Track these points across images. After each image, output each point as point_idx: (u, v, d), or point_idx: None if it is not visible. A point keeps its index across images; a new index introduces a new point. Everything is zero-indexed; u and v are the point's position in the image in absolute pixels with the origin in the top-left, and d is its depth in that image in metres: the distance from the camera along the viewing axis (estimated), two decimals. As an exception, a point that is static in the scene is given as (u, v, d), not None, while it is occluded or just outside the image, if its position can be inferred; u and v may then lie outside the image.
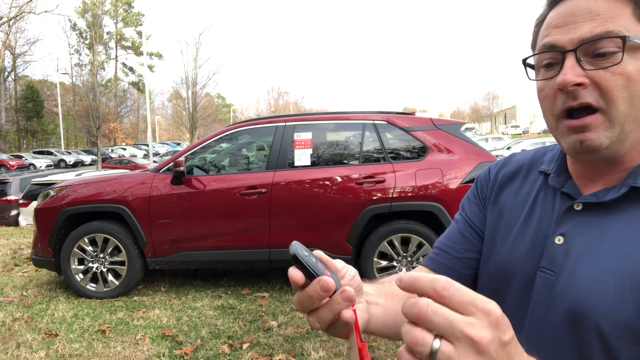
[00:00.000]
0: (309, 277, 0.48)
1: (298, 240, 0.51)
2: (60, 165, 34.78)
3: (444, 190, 3.99)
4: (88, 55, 43.64)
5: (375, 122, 4.29)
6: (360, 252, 4.12)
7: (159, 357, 3.07)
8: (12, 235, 8.00)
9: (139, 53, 54.17)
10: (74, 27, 48.89)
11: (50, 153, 37.12)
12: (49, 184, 8.22)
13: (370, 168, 4.14)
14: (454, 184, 3.99)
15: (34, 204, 6.74)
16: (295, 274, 0.48)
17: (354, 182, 4.10)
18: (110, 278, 4.28)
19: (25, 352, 3.14)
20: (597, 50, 0.59)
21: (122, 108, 47.43)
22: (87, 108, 26.66)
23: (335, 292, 0.48)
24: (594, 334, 0.58)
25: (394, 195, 4.01)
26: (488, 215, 0.78)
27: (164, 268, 4.30)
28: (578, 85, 0.59)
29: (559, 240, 0.65)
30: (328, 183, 4.13)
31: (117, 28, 52.81)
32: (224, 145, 4.69)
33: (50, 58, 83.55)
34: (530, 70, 0.69)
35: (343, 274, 0.57)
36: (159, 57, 56.20)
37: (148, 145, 30.04)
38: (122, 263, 4.26)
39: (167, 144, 48.04)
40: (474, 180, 0.85)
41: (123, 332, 3.48)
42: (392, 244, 4.05)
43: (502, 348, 0.37)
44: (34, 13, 43.62)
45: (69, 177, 8.59)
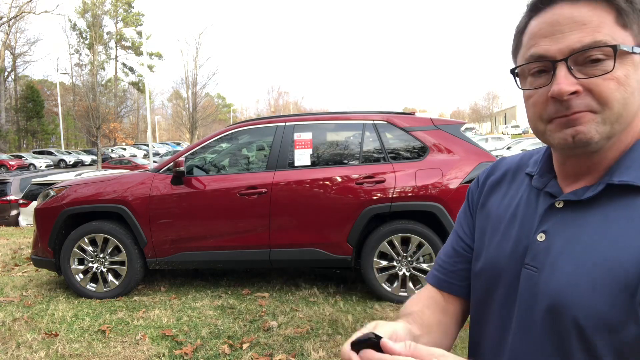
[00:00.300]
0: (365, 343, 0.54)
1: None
2: (60, 165, 34.78)
3: (444, 190, 3.99)
4: (88, 55, 43.65)
5: (375, 122, 4.29)
6: (360, 252, 4.11)
7: (159, 357, 3.07)
8: (12, 235, 8.00)
9: (139, 53, 54.16)
10: (74, 27, 48.88)
11: (50, 153, 37.12)
12: (49, 184, 8.22)
13: (370, 168, 4.14)
14: (454, 184, 3.99)
15: (34, 204, 6.74)
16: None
17: (354, 182, 4.10)
18: (110, 278, 4.28)
19: (25, 352, 3.14)
20: (587, 59, 0.61)
21: (122, 108, 47.42)
22: (87, 108, 26.66)
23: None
24: (572, 326, 0.60)
25: (394, 195, 4.01)
26: (477, 219, 0.82)
27: (164, 268, 4.30)
28: (572, 94, 0.61)
29: (541, 238, 0.67)
30: (328, 183, 4.13)
31: (117, 28, 52.81)
32: (224, 145, 4.69)
33: (50, 58, 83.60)
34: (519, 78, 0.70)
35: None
36: (159, 57, 56.21)
37: (148, 145, 30.05)
38: (122, 263, 4.26)
39: (167, 144, 48.04)
40: (467, 192, 0.88)
41: (123, 332, 3.48)
42: (392, 244, 4.05)
43: None
44: (34, 13, 43.61)
45: (69, 177, 8.59)
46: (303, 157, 4.26)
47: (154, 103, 60.55)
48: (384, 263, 4.07)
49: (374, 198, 4.03)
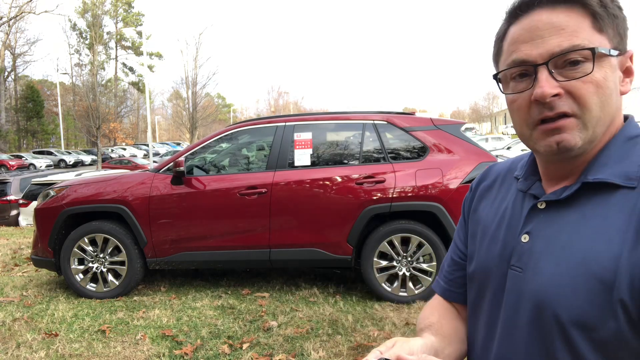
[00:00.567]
0: None
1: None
2: (60, 165, 34.78)
3: (444, 190, 3.99)
4: (88, 55, 43.65)
5: (375, 122, 4.29)
6: (360, 252, 4.11)
7: (159, 357, 3.07)
8: (12, 235, 8.00)
9: (139, 53, 54.14)
10: (74, 27, 48.87)
11: (50, 153, 37.12)
12: (49, 184, 8.22)
13: (370, 168, 4.14)
14: (454, 184, 3.99)
15: (34, 204, 6.74)
16: None
17: (354, 182, 4.10)
18: (110, 278, 4.28)
19: (25, 352, 3.14)
20: (566, 62, 0.63)
21: (122, 108, 47.39)
22: (87, 108, 26.65)
23: None
24: (554, 324, 0.62)
25: (394, 195, 4.01)
26: (469, 225, 0.85)
27: (164, 268, 4.30)
28: (554, 96, 0.63)
29: (525, 239, 0.70)
30: (328, 183, 4.13)
31: (117, 28, 52.80)
32: (224, 145, 4.69)
33: (50, 58, 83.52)
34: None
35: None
36: (159, 57, 56.19)
37: (148, 145, 30.05)
38: (122, 263, 4.26)
39: (167, 144, 48.03)
40: (462, 201, 0.91)
41: (123, 332, 3.48)
42: (392, 244, 4.05)
43: None
44: (34, 13, 43.60)
45: (69, 177, 8.59)
46: (303, 157, 4.27)
47: (154, 103, 60.59)
48: (384, 263, 4.06)
49: (374, 198, 4.03)
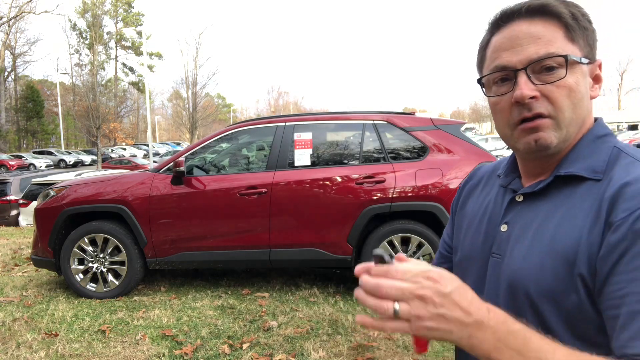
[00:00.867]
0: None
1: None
2: (60, 165, 34.78)
3: (444, 190, 3.99)
4: (88, 55, 43.65)
5: (375, 122, 4.29)
6: (360, 252, 4.11)
7: (159, 357, 3.07)
8: (12, 235, 8.01)
9: (139, 53, 54.15)
10: (74, 27, 48.88)
11: (50, 153, 37.12)
12: (49, 184, 8.22)
13: (370, 168, 4.14)
14: (454, 184, 3.99)
15: (34, 204, 6.74)
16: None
17: (354, 182, 4.10)
18: (110, 278, 4.28)
19: (25, 352, 3.14)
20: (543, 67, 0.70)
21: (122, 108, 47.44)
22: (87, 108, 26.65)
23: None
24: (525, 299, 0.70)
25: (394, 195, 4.01)
26: (456, 220, 0.92)
27: (164, 268, 4.30)
28: (532, 98, 0.70)
29: (504, 228, 0.77)
30: (328, 183, 4.13)
31: (117, 28, 52.80)
32: (224, 145, 4.69)
33: (50, 58, 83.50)
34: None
35: None
36: (159, 57, 56.20)
37: (148, 145, 30.05)
38: (122, 263, 4.26)
39: (167, 144, 48.03)
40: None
41: (123, 332, 3.48)
42: (392, 244, 4.05)
43: (444, 297, 0.52)
44: (34, 13, 43.62)
45: (69, 177, 8.59)
46: (303, 157, 4.26)
47: (154, 103, 60.59)
48: (384, 263, 4.06)
49: (374, 198, 4.03)
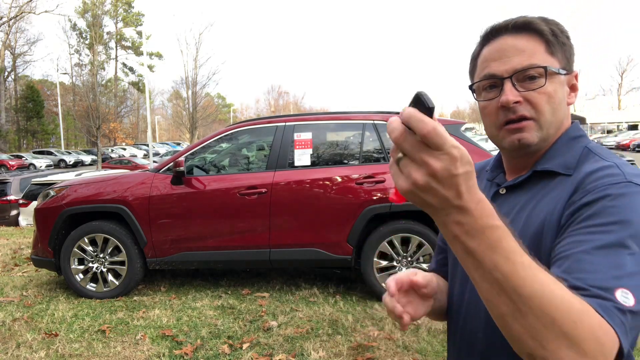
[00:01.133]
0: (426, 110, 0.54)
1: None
2: (60, 165, 34.77)
3: (444, 190, 3.98)
4: (88, 55, 43.62)
5: (375, 122, 4.29)
6: (360, 252, 4.11)
7: (159, 357, 3.07)
8: (12, 235, 8.00)
9: (139, 53, 54.14)
10: (74, 27, 48.88)
11: (50, 153, 37.10)
12: (49, 184, 8.22)
13: (370, 168, 4.14)
14: (454, 184, 3.99)
15: (34, 204, 6.73)
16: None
17: (354, 182, 4.10)
18: (110, 278, 4.28)
19: (25, 352, 3.14)
20: (526, 76, 0.80)
21: (122, 108, 47.46)
22: (87, 108, 26.65)
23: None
24: None
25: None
26: None
27: (164, 268, 4.30)
28: (516, 103, 0.80)
29: None
30: (328, 183, 4.13)
31: (117, 28, 52.79)
32: (224, 145, 4.69)
33: (50, 58, 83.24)
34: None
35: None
36: (159, 57, 56.18)
37: (148, 145, 30.04)
38: (122, 263, 4.26)
39: (167, 144, 48.02)
40: None
41: (123, 332, 3.48)
42: (392, 244, 4.05)
43: (450, 177, 0.52)
44: (34, 13, 43.63)
45: (69, 177, 8.59)
46: (303, 157, 4.26)
47: (154, 103, 60.55)
48: (384, 263, 4.06)
49: (374, 198, 4.03)
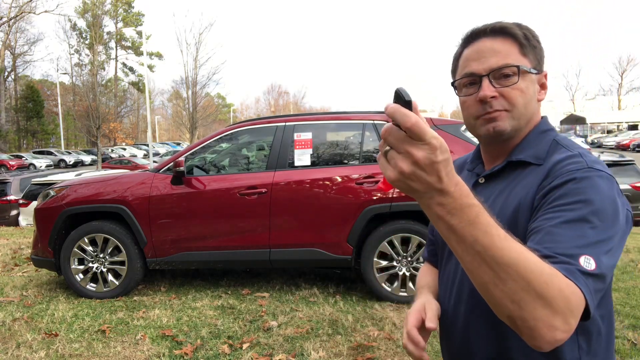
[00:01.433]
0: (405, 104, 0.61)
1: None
2: (60, 165, 34.75)
3: (444, 190, 3.98)
4: (88, 55, 43.55)
5: (375, 122, 4.29)
6: (360, 252, 4.11)
7: (159, 357, 3.07)
8: (12, 235, 8.00)
9: (139, 53, 54.14)
10: (74, 27, 48.89)
11: (50, 153, 37.09)
12: (49, 184, 8.22)
13: (370, 168, 4.14)
14: (454, 184, 3.99)
15: (34, 204, 6.73)
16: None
17: (354, 182, 4.10)
18: (110, 278, 4.28)
19: (25, 352, 3.14)
20: (501, 75, 0.91)
21: (122, 108, 47.44)
22: (87, 108, 26.66)
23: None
24: None
25: (394, 195, 4.01)
26: None
27: (164, 268, 4.30)
28: (492, 98, 0.91)
29: None
30: (328, 183, 4.13)
31: (117, 28, 52.79)
32: (224, 145, 4.69)
33: (50, 58, 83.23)
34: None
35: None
36: (159, 57, 56.18)
37: (148, 145, 30.04)
38: (122, 263, 4.26)
39: (167, 144, 48.01)
40: None
41: (123, 332, 3.48)
42: (392, 244, 4.05)
43: (431, 165, 0.60)
44: (34, 13, 43.63)
45: (69, 177, 8.59)
46: (303, 157, 4.26)
47: (154, 103, 60.53)
48: (384, 263, 4.06)
49: (374, 198, 4.03)
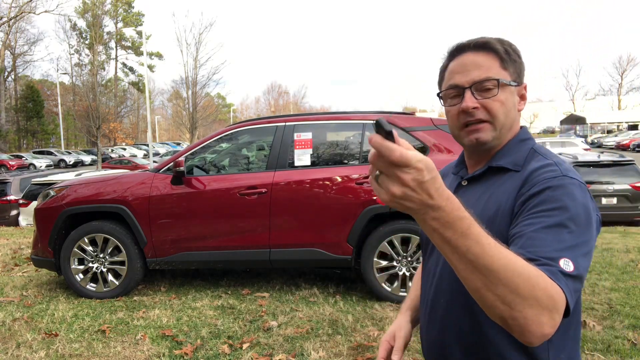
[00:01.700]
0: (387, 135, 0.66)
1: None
2: (60, 165, 34.75)
3: (444, 190, 3.98)
4: (88, 55, 43.56)
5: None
6: (360, 252, 4.11)
7: (159, 357, 3.07)
8: (12, 235, 8.00)
9: (139, 53, 54.15)
10: (74, 27, 48.89)
11: (50, 153, 37.08)
12: (49, 184, 8.22)
13: (370, 168, 4.13)
14: (454, 184, 3.99)
15: (34, 204, 6.73)
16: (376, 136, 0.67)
17: (354, 182, 4.09)
18: (110, 278, 4.28)
19: (25, 352, 3.14)
20: (483, 87, 0.98)
21: (122, 108, 47.42)
22: (87, 108, 26.65)
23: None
24: None
25: (394, 195, 4.00)
26: None
27: (164, 268, 4.30)
28: (474, 108, 0.98)
29: None
30: (328, 183, 4.13)
31: (117, 28, 52.78)
32: (224, 145, 4.69)
33: (50, 58, 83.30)
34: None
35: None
36: (159, 57, 56.18)
37: (148, 145, 30.03)
38: (122, 263, 4.26)
39: (167, 144, 48.00)
40: None
41: (123, 332, 3.48)
42: (392, 244, 4.05)
43: (419, 185, 0.65)
44: (34, 13, 43.63)
45: (69, 177, 8.59)
46: (303, 157, 4.26)
47: (154, 103, 60.52)
48: (384, 263, 4.06)
49: (374, 198, 4.02)
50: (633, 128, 41.18)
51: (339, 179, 4.12)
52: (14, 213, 10.72)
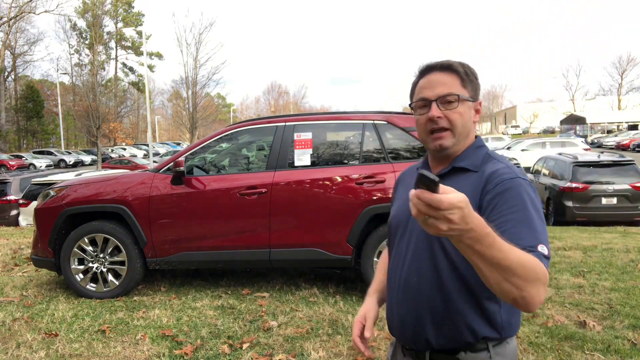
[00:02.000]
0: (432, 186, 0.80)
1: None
2: (60, 165, 34.75)
3: (444, 190, 3.98)
4: (88, 55, 43.57)
5: (375, 122, 4.29)
6: (360, 252, 4.11)
7: (159, 357, 3.07)
8: (12, 235, 8.00)
9: (139, 53, 54.15)
10: (74, 27, 48.91)
11: (50, 153, 37.08)
12: (49, 184, 8.22)
13: (370, 168, 4.14)
14: (454, 184, 3.98)
15: (34, 204, 6.73)
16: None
17: (354, 182, 4.10)
18: (110, 278, 4.28)
19: (25, 352, 3.14)
20: (446, 100, 1.19)
21: (122, 108, 47.42)
22: (87, 108, 26.66)
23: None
24: (433, 239, 1.15)
25: (394, 195, 4.01)
26: (394, 199, 1.47)
27: (164, 268, 4.30)
28: (439, 118, 1.18)
29: None
30: (328, 183, 4.13)
31: (117, 28, 52.78)
32: (224, 145, 4.69)
33: (50, 58, 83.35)
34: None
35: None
36: (159, 57, 56.19)
37: (148, 145, 30.03)
38: (122, 263, 4.26)
39: (167, 144, 48.01)
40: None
41: (123, 332, 3.48)
42: (392, 244, 4.04)
43: (461, 218, 0.83)
44: (34, 13, 43.64)
45: (69, 177, 8.59)
46: (303, 157, 4.26)
47: (154, 103, 60.51)
48: (384, 263, 4.06)
49: (374, 198, 4.03)
50: (633, 128, 41.17)
51: (339, 179, 4.12)
52: (14, 213, 10.72)
